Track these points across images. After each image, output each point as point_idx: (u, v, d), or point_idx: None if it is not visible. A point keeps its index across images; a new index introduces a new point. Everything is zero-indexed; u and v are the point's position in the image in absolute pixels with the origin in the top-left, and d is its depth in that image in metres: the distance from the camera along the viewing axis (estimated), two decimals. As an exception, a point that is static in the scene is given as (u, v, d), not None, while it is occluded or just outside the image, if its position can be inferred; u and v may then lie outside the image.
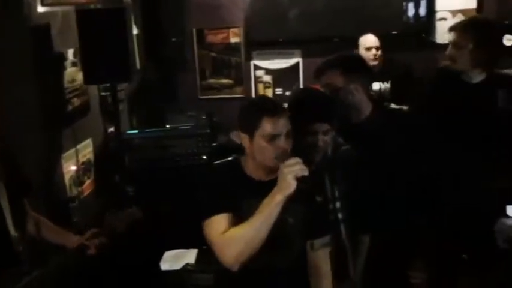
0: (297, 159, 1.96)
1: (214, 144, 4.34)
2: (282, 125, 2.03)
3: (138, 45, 4.68)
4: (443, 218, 2.82)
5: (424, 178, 2.62)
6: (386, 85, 4.79)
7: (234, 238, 1.97)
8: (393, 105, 4.39)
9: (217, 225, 2.01)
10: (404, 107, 4.20)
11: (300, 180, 1.92)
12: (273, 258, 2.08)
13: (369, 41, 4.84)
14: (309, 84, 4.93)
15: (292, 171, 1.92)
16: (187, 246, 3.49)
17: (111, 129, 3.90)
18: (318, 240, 2.22)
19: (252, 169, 2.13)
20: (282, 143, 2.02)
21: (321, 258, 2.25)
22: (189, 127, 4.42)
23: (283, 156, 2.00)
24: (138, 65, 4.41)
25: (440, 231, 2.90)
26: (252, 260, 1.98)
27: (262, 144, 2.03)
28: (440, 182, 2.64)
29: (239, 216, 2.02)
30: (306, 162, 1.97)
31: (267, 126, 2.01)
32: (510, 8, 5.17)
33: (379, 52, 4.87)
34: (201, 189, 2.14)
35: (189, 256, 3.41)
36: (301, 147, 2.14)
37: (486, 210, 2.58)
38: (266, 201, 1.96)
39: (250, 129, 2.05)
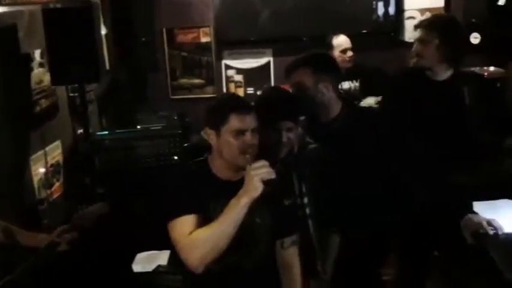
0: (264, 162, 1.96)
1: (186, 144, 4.31)
2: (249, 121, 2.05)
3: (108, 45, 4.63)
4: (413, 215, 2.84)
5: (393, 176, 2.65)
6: (355, 84, 4.82)
7: (199, 240, 1.95)
8: (363, 104, 4.42)
9: (183, 227, 1.99)
10: (374, 106, 4.23)
11: (266, 183, 1.92)
12: (239, 258, 2.08)
13: (345, 42, 4.79)
14: (280, 84, 4.95)
15: (259, 174, 1.92)
16: (159, 247, 3.46)
17: (81, 130, 3.86)
18: (288, 238, 2.24)
19: (219, 168, 2.12)
20: (249, 138, 2.03)
21: (292, 255, 2.27)
22: (160, 127, 4.36)
23: (250, 151, 2.01)
24: (107, 65, 4.36)
25: (411, 228, 2.93)
26: (218, 260, 1.97)
27: (229, 140, 2.04)
28: (409, 180, 2.66)
29: (205, 217, 2.00)
30: (272, 162, 1.98)
31: (234, 121, 2.03)
32: (477, 7, 5.24)
33: (352, 53, 4.86)
34: (167, 189, 2.12)
35: (162, 258, 3.38)
36: (265, 144, 2.16)
37: (455, 207, 2.61)
38: (232, 202, 1.95)
39: (218, 124, 2.06)
